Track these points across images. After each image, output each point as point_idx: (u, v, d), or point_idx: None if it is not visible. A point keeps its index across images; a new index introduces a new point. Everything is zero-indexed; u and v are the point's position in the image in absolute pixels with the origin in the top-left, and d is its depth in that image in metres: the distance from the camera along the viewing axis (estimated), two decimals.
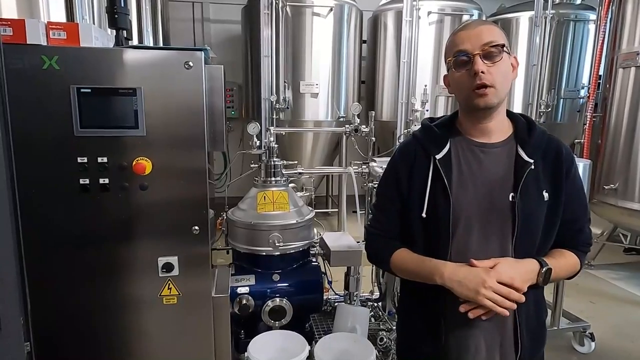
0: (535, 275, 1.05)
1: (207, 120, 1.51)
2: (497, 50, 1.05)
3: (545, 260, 1.07)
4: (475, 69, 1.04)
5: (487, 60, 1.05)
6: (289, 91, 4.78)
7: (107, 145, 1.45)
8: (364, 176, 2.60)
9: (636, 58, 3.58)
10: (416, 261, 1.15)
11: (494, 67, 1.05)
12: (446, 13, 4.99)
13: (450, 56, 1.11)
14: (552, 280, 1.09)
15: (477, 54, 1.04)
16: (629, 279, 4.01)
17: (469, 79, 1.06)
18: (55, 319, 1.53)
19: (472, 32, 1.07)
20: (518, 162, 1.11)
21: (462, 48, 1.06)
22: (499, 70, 1.05)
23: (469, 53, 1.05)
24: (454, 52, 1.08)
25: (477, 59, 1.04)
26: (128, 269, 1.55)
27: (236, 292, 1.94)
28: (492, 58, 1.05)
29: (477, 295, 1.00)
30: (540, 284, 1.07)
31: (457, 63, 1.08)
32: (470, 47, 1.05)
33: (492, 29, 1.08)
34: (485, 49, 1.05)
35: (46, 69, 1.36)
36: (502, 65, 1.06)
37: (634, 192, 3.61)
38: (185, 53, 1.46)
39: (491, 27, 1.09)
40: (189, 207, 1.54)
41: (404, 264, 1.18)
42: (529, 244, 1.09)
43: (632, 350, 2.84)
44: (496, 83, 1.05)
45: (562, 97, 5.24)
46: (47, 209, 1.45)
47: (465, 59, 1.06)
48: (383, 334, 2.35)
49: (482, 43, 1.05)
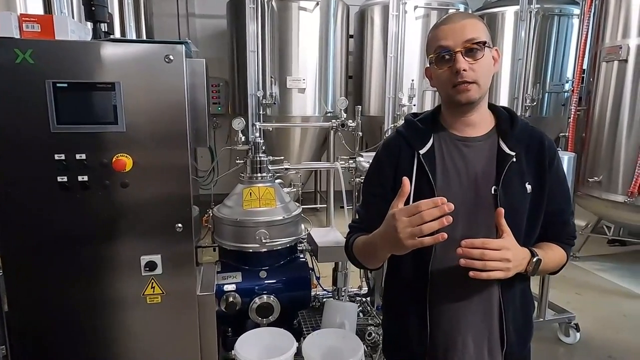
0: (525, 263, 1.04)
1: (189, 115, 1.48)
2: (479, 47, 1.04)
3: (535, 251, 1.07)
4: (458, 67, 1.02)
5: (469, 57, 1.03)
6: (275, 86, 4.75)
7: (86, 142, 1.42)
8: (351, 171, 2.59)
9: (619, 52, 3.62)
10: (366, 240, 1.13)
11: (476, 64, 1.04)
12: (432, 7, 4.99)
13: (431, 52, 1.09)
14: (540, 272, 1.09)
15: (459, 51, 1.03)
16: (613, 270, 4.08)
17: (451, 76, 1.05)
18: (36, 319, 1.50)
19: (454, 27, 1.05)
20: (500, 155, 1.11)
21: (443, 44, 1.05)
22: (481, 66, 1.04)
23: (450, 50, 1.04)
24: (436, 48, 1.07)
25: (459, 56, 1.03)
26: (110, 268, 1.52)
27: (223, 289, 1.92)
28: (474, 55, 1.04)
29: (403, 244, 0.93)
30: (529, 273, 1.06)
31: (438, 59, 1.07)
32: (452, 43, 1.04)
33: (475, 24, 1.06)
34: (467, 46, 1.03)
35: (19, 63, 1.31)
36: (484, 61, 1.05)
37: (617, 184, 3.66)
38: (165, 46, 1.42)
39: (474, 21, 1.07)
40: (172, 205, 1.52)
41: (358, 247, 1.17)
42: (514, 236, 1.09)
43: (617, 341, 2.89)
44: (478, 79, 1.04)
45: (547, 91, 5.29)
46: (25, 208, 1.41)
47: (446, 55, 1.05)
48: (371, 329, 2.35)
49: (464, 39, 1.03)
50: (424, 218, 0.89)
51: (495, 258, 0.95)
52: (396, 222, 0.93)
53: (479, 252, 0.95)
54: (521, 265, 1.03)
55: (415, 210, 0.90)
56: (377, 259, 1.13)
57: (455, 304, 1.13)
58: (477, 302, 1.12)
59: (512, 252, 0.99)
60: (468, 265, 0.95)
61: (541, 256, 1.06)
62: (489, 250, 0.95)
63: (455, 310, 1.13)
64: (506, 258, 0.96)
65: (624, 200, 3.57)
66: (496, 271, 0.96)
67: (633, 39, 3.55)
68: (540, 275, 1.17)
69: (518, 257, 1.01)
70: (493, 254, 0.95)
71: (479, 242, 0.95)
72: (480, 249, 0.95)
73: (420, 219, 0.89)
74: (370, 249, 1.10)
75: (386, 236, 0.98)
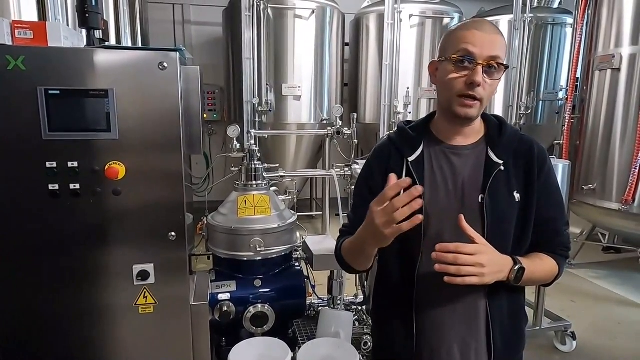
0: (507, 270, 1.02)
1: (183, 122, 1.47)
2: (499, 68, 1.02)
3: (519, 259, 1.05)
4: (475, 79, 1.00)
5: (487, 74, 1.01)
6: (271, 94, 4.75)
7: (78, 149, 1.40)
8: (347, 179, 2.59)
9: (612, 61, 3.66)
10: (352, 241, 1.13)
11: (489, 82, 1.02)
12: (427, 16, 5.04)
13: (453, 51, 1.03)
14: (526, 282, 1.07)
15: (481, 63, 1.00)
16: (608, 278, 4.09)
17: (462, 84, 1.02)
18: (24, 329, 1.47)
19: (485, 38, 1.01)
20: (487, 163, 1.10)
21: (471, 50, 1.01)
22: (492, 87, 1.03)
23: (474, 59, 1.01)
24: (460, 50, 1.02)
25: (479, 69, 1.00)
26: (102, 278, 1.49)
27: (216, 298, 1.89)
28: (492, 74, 1.02)
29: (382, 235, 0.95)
30: (511, 282, 1.03)
31: (458, 62, 1.02)
32: (478, 53, 1.00)
33: (503, 43, 1.04)
34: (490, 62, 1.01)
35: (11, 70, 1.30)
36: (496, 83, 1.04)
37: (612, 192, 3.68)
38: (159, 53, 1.41)
39: (503, 40, 1.04)
40: (165, 213, 1.50)
41: (345, 249, 1.18)
42: (501, 245, 1.07)
43: (612, 348, 2.89)
44: (484, 98, 1.03)
45: (541, 99, 5.34)
46: (14, 215, 1.39)
47: (468, 63, 1.01)
48: (367, 338, 2.33)
49: (490, 54, 1.00)
50: (395, 205, 0.91)
51: (468, 262, 0.95)
52: (372, 213, 0.95)
53: (452, 257, 0.95)
54: (501, 272, 1.01)
55: (384, 199, 0.93)
56: (364, 257, 1.12)
57: (441, 311, 1.12)
58: (463, 310, 1.11)
59: (488, 257, 0.98)
60: (442, 270, 0.95)
61: (526, 265, 1.04)
62: (462, 254, 0.95)
63: (441, 318, 1.12)
64: (480, 263, 0.96)
65: (618, 208, 3.58)
66: (470, 276, 0.95)
67: (625, 48, 3.59)
68: (527, 285, 1.15)
69: (495, 263, 1.00)
70: (466, 259, 0.95)
71: (452, 246, 0.96)
72: (454, 253, 0.95)
73: (392, 206, 0.91)
74: (356, 247, 1.11)
75: (367, 229, 0.99)
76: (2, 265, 1.40)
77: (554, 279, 1.16)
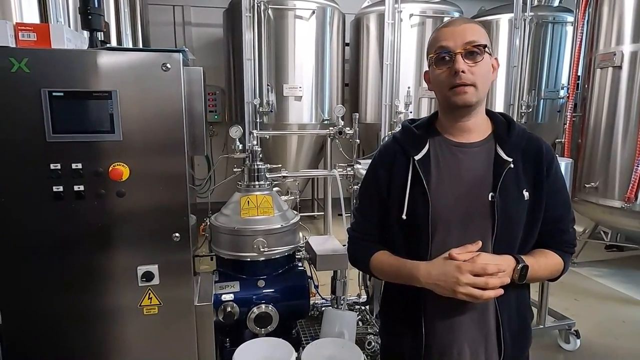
0: (510, 271, 1.03)
1: (186, 123, 1.47)
2: (479, 50, 1.04)
3: (522, 258, 1.06)
4: (456, 67, 1.02)
5: (468, 59, 1.03)
6: (272, 94, 4.75)
7: (82, 151, 1.40)
8: (349, 179, 2.59)
9: (613, 59, 3.65)
10: (394, 264, 1.13)
11: (475, 66, 1.04)
12: (428, 15, 5.04)
13: (432, 52, 1.09)
14: (531, 279, 1.07)
15: (459, 52, 1.03)
16: (611, 276, 4.08)
17: (449, 77, 1.05)
18: (29, 330, 1.47)
19: (455, 30, 1.05)
20: (497, 161, 1.10)
21: (444, 45, 1.05)
22: (480, 70, 1.04)
23: (450, 51, 1.04)
24: (436, 49, 1.07)
25: (458, 57, 1.03)
26: (106, 279, 1.49)
27: (220, 299, 1.90)
28: (474, 57, 1.04)
29: (455, 294, 1.00)
30: (516, 281, 1.04)
31: (438, 60, 1.07)
32: (452, 44, 1.04)
33: (475, 29, 1.07)
34: (467, 48, 1.03)
35: (15, 72, 1.30)
36: (483, 65, 1.05)
37: (614, 190, 3.67)
38: (162, 55, 1.41)
39: (475, 26, 1.08)
40: (169, 214, 1.50)
41: (382, 267, 1.17)
42: (509, 243, 1.08)
43: (616, 347, 2.88)
44: (477, 82, 1.04)
45: (543, 98, 5.33)
46: (19, 217, 1.39)
47: (446, 56, 1.05)
48: (371, 338, 2.33)
49: (464, 41, 1.03)
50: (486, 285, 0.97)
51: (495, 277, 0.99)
52: (460, 275, 0.98)
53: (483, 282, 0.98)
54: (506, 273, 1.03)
55: (482, 272, 0.97)
56: (400, 281, 1.14)
57: (450, 311, 1.12)
58: (472, 310, 1.11)
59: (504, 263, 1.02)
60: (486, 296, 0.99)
61: (529, 263, 1.05)
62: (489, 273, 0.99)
63: (451, 318, 1.12)
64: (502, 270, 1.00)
65: (620, 206, 3.57)
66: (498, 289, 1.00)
67: (627, 46, 3.59)
68: (532, 282, 1.16)
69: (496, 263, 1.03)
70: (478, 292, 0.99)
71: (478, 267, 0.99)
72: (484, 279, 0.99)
73: (484, 283, 0.97)
74: (401, 274, 1.12)
75: (438, 278, 1.02)
76: (7, 266, 1.40)
77: (559, 275, 1.17)
